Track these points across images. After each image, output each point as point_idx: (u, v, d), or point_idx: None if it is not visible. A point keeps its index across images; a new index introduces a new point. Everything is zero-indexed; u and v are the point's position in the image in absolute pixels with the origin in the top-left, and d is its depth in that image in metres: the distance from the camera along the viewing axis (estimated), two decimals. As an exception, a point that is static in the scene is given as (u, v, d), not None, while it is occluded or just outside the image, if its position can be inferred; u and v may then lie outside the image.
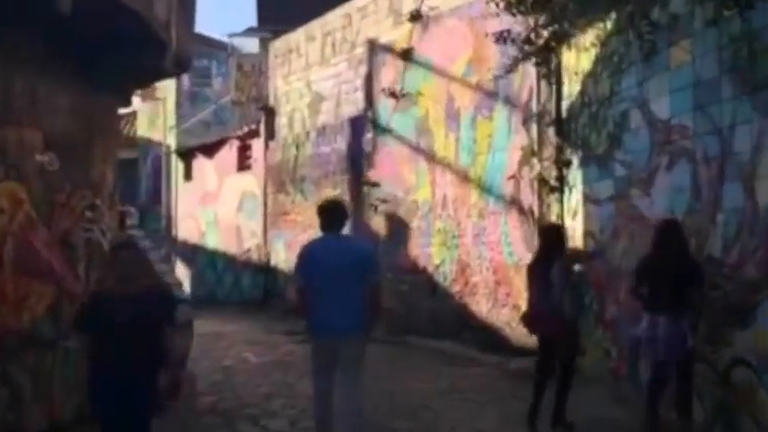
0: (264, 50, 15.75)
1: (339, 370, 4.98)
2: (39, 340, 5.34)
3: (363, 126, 12.11)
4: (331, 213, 5.21)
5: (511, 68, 7.57)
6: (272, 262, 14.55)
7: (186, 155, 18.19)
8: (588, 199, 7.69)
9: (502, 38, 6.86)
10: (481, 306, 9.60)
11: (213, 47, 18.87)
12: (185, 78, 17.87)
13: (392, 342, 10.33)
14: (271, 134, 14.90)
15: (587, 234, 7.77)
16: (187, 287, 17.78)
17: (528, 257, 8.74)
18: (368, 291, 4.97)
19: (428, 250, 10.67)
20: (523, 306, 8.70)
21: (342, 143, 12.66)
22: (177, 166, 18.58)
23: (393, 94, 7.28)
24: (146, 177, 20.19)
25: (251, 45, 18.35)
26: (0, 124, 5.03)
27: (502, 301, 9.29)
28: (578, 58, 7.78)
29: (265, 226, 14.94)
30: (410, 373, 8.09)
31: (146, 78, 6.81)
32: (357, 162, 12.22)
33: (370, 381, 7.40)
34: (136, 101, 21.26)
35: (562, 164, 8.24)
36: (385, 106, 11.63)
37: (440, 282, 10.39)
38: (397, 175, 11.32)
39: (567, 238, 6.44)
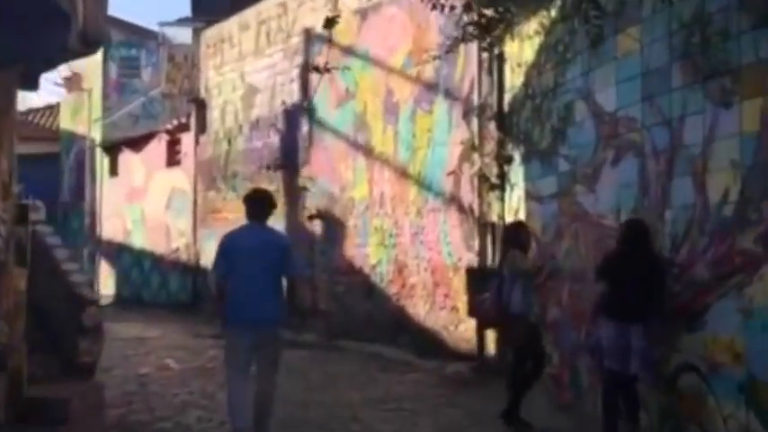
0: (197, 41, 15.04)
1: (255, 359, 5.00)
2: None
3: (299, 120, 11.58)
4: (256, 203, 5.27)
5: (450, 48, 7.17)
6: (202, 262, 13.83)
7: (112, 149, 17.31)
8: (530, 196, 7.35)
9: (439, 4, 6.38)
10: (418, 308, 9.18)
11: (143, 36, 18.01)
12: (112, 67, 17.03)
13: (326, 347, 9.84)
14: (202, 128, 14.21)
15: (529, 233, 7.42)
16: (111, 288, 16.95)
17: (467, 257, 8.40)
18: (288, 282, 5.21)
19: (365, 250, 10.20)
20: (462, 309, 8.38)
21: (276, 137, 12.09)
22: (102, 160, 17.68)
23: (317, 69, 6.80)
24: (68, 173, 19.18)
25: (184, 35, 17.57)
26: None
27: (440, 304, 8.88)
28: (521, 48, 7.43)
29: (195, 224, 14.24)
30: (343, 381, 7.61)
31: (50, 57, 6.11)
32: (292, 157, 11.67)
33: (301, 390, 6.93)
34: (59, 91, 20.31)
35: (503, 160, 7.87)
36: (322, 99, 11.13)
37: (376, 283, 9.94)
38: (334, 172, 10.83)
39: (526, 236, 6.24)
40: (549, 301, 6.71)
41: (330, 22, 6.20)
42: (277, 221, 11.42)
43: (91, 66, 18.19)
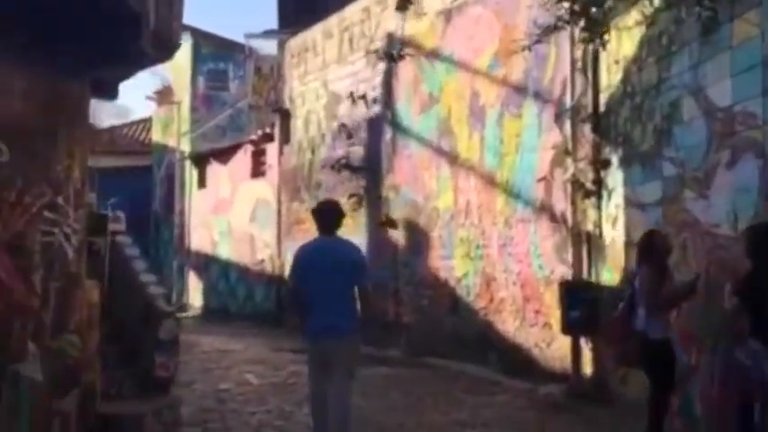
0: (282, 52, 14.96)
1: (334, 370, 4.98)
2: (-21, 363, 4.50)
3: (382, 127, 11.24)
4: (324, 215, 5.24)
5: (542, 37, 6.65)
6: (286, 274, 13.65)
7: (200, 161, 17.48)
8: (630, 203, 6.73)
9: None
10: (507, 324, 8.63)
11: (230, 48, 18.15)
12: (200, 81, 17.22)
13: (409, 363, 9.41)
14: (286, 138, 14.09)
15: (629, 245, 6.79)
16: (199, 299, 17.07)
17: (560, 270, 7.81)
18: (360, 293, 5.06)
19: (450, 262, 9.73)
20: (555, 325, 7.79)
21: (359, 146, 11.78)
22: (191, 172, 17.88)
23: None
24: (160, 184, 19.53)
25: (270, 47, 17.59)
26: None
27: (530, 320, 8.31)
28: (619, 42, 6.82)
29: (279, 236, 14.11)
30: (426, 402, 7.15)
31: (122, 61, 5.98)
32: (374, 166, 11.33)
33: (380, 412, 6.52)
34: (151, 105, 20.74)
35: (600, 164, 7.25)
36: (405, 105, 10.76)
37: (462, 296, 9.44)
38: (417, 180, 10.42)
39: (663, 246, 5.37)
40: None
41: (403, 4, 5.83)
42: (359, 232, 11.16)
43: (180, 79, 18.52)
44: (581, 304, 7.20)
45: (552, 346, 7.87)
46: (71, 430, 5.13)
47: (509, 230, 8.70)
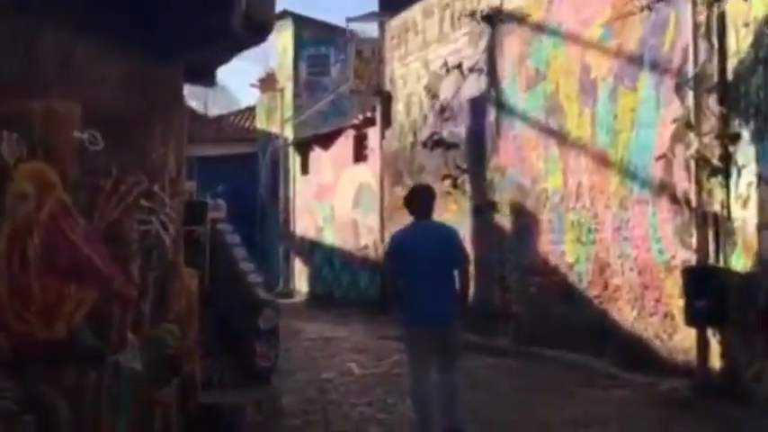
0: (383, 34, 14.70)
1: (436, 359, 4.91)
2: (79, 354, 4.46)
3: (485, 107, 10.78)
4: (417, 200, 5.19)
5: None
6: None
7: (302, 147, 17.54)
8: (764, 181, 6.07)
9: None
10: (624, 313, 8.05)
11: (332, 33, 18.07)
12: (302, 67, 17.23)
13: (517, 353, 8.99)
14: (387, 121, 13.84)
15: (763, 227, 6.12)
16: (305, 285, 17.18)
17: (683, 255, 7.18)
18: (460, 278, 4.99)
19: (560, 247, 9.20)
20: (678, 315, 7.19)
21: (461, 127, 11.38)
22: (294, 159, 17.98)
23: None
24: (264, 172, 19.78)
25: (371, 30, 17.40)
26: (19, 93, 4.18)
27: (650, 309, 7.71)
28: (749, 3, 6.13)
29: (382, 221, 13.91)
30: (537, 396, 6.74)
31: (215, 44, 5.84)
32: (479, 149, 10.90)
33: (487, 407, 6.17)
34: (254, 92, 21.02)
35: (728, 138, 6.56)
36: (510, 83, 10.26)
37: (574, 284, 8.90)
38: (524, 162, 9.92)
39: None
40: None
41: None
42: (463, 216, 10.79)
43: (283, 66, 18.63)
44: (708, 293, 6.57)
45: (675, 337, 7.27)
46: (172, 421, 5.08)
47: (624, 213, 8.10)
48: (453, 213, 10.76)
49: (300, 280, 17.44)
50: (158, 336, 4.92)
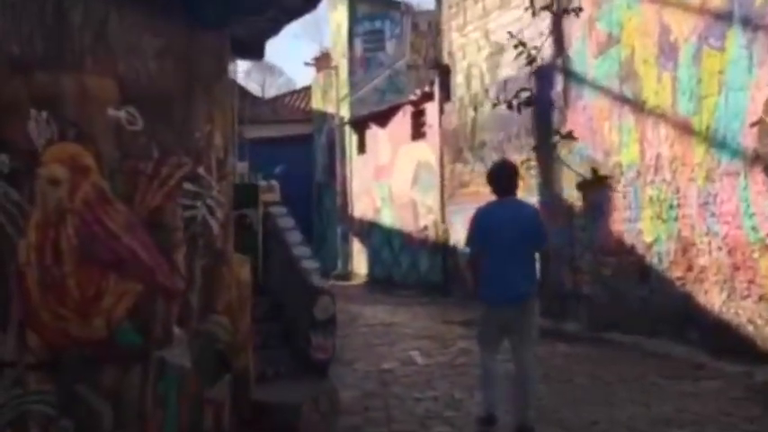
0: (440, 4, 14.04)
1: (510, 338, 4.92)
2: (120, 352, 4.11)
3: (552, 77, 10.10)
4: (501, 177, 5.12)
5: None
6: (451, 241, 12.93)
7: (359, 126, 17.06)
8: None
9: None
10: (712, 297, 7.37)
11: (387, 6, 17.48)
12: (357, 43, 16.73)
13: (591, 339, 8.39)
14: (446, 96, 13.22)
15: None
16: (364, 267, 16.80)
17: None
18: (541, 257, 5.16)
19: (637, 225, 8.53)
20: (776, 299, 6.49)
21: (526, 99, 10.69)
22: (351, 138, 17.52)
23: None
24: (321, 152, 19.40)
25: (427, 2, 16.82)
26: (48, 67, 3.81)
27: (741, 291, 7.02)
28: None
29: (443, 200, 13.36)
30: (618, 389, 6.14)
31: (262, 15, 5.40)
32: (546, 120, 10.24)
33: (562, 403, 5.62)
34: (310, 72, 20.59)
35: (835, 101, 5.84)
36: (579, 50, 9.56)
37: (654, 265, 8.24)
38: (595, 134, 9.24)
39: None
40: None
41: None
42: (530, 194, 10.16)
43: (337, 43, 18.16)
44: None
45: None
46: (225, 420, 4.73)
47: (711, 186, 7.39)
48: (519, 190, 10.12)
49: (359, 262, 17.06)
50: (207, 329, 4.58)
